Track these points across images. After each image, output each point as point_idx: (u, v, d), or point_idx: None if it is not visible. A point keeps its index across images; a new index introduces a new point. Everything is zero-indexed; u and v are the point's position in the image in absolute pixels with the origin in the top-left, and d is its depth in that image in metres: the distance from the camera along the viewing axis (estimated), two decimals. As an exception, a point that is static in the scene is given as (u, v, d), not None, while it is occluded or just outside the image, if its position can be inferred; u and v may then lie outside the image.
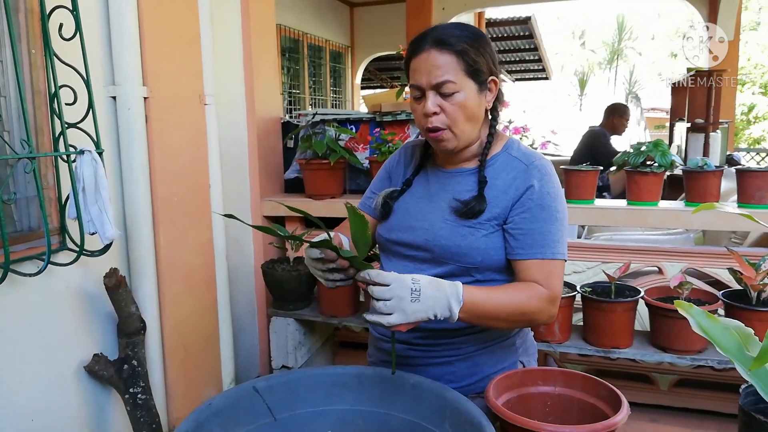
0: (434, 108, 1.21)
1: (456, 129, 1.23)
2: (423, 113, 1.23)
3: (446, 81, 1.19)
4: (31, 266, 1.52)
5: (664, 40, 26.02)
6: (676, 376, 2.46)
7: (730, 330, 0.88)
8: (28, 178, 1.57)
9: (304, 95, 7.14)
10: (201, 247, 2.24)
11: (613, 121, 5.03)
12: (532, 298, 1.18)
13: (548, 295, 1.20)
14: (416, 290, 1.05)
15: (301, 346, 2.70)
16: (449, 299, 1.08)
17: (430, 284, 1.08)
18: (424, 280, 1.08)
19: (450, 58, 1.19)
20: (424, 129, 1.26)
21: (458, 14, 6.95)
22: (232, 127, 2.62)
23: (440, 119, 1.22)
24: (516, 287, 1.21)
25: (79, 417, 1.73)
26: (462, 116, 1.22)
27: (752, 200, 2.26)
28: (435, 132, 1.23)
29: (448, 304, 1.08)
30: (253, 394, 1.16)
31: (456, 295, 1.09)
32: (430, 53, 1.19)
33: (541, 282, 1.20)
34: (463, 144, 1.27)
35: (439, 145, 1.27)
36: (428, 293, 1.06)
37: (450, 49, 1.19)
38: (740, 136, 13.36)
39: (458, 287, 1.10)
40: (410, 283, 1.05)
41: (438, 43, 1.19)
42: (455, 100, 1.20)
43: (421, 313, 1.06)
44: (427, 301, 1.06)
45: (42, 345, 1.60)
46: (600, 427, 1.00)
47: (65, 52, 1.52)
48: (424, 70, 1.20)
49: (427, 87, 1.21)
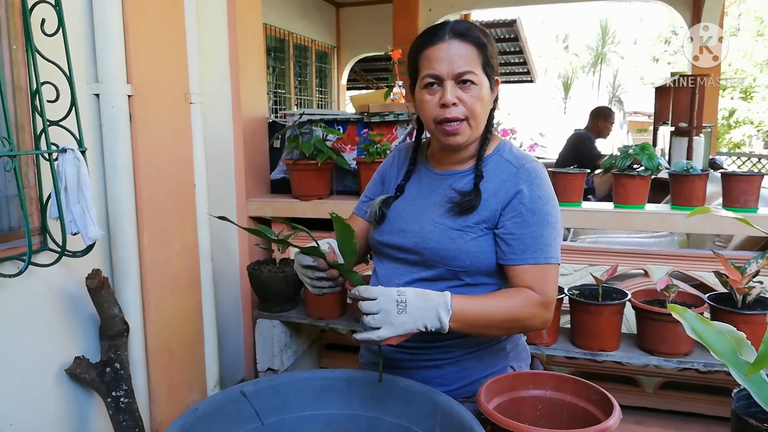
0: (453, 98, 1.18)
1: (473, 121, 1.21)
2: (441, 103, 1.20)
3: (469, 71, 1.18)
4: (12, 267, 1.48)
5: (646, 45, 26.35)
6: (662, 379, 2.47)
7: (723, 334, 0.87)
8: (8, 177, 1.53)
9: (289, 95, 7.10)
10: (186, 248, 2.21)
11: (597, 124, 5.06)
12: (524, 304, 1.17)
13: (541, 301, 1.18)
14: (402, 302, 1.05)
15: (287, 348, 2.67)
16: (437, 309, 1.07)
17: (416, 296, 1.08)
18: (410, 292, 1.08)
19: (472, 50, 1.19)
20: (436, 120, 1.22)
21: (445, 15, 6.96)
22: (217, 127, 2.59)
23: (459, 110, 1.19)
24: (507, 294, 1.20)
25: (60, 421, 1.69)
26: (479, 109, 1.21)
27: (737, 204, 2.28)
28: (450, 124, 1.20)
29: (437, 315, 1.07)
30: (240, 398, 1.14)
31: (444, 305, 1.08)
32: (452, 43, 1.18)
33: (534, 287, 1.19)
34: (473, 139, 1.25)
35: (450, 139, 1.23)
36: (415, 304, 1.06)
37: (472, 41, 1.19)
38: (721, 140, 13.57)
39: (446, 297, 1.10)
40: (395, 294, 1.06)
41: (459, 35, 1.19)
42: (474, 92, 1.19)
43: (409, 324, 1.06)
44: (414, 312, 1.06)
45: (22, 347, 1.56)
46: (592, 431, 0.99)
47: (47, 48, 1.49)
48: (446, 59, 1.18)
49: (448, 76, 1.18)
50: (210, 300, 2.41)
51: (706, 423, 2.38)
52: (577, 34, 29.76)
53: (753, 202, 2.27)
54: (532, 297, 1.18)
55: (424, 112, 1.25)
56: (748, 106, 14.68)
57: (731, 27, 16.47)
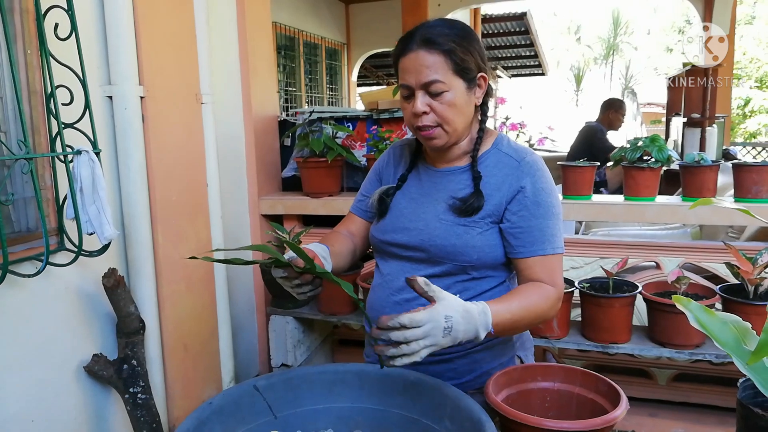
0: (423, 108, 1.21)
1: (447, 127, 1.23)
2: (412, 113, 1.23)
3: (435, 81, 1.19)
4: (30, 267, 1.51)
5: (659, 35, 26.06)
6: (675, 371, 2.47)
7: (728, 324, 0.88)
8: (25, 179, 1.56)
9: (300, 93, 7.12)
10: (199, 246, 2.24)
11: (609, 116, 5.03)
12: (545, 300, 1.20)
13: (556, 293, 1.22)
14: (448, 327, 1.00)
15: (301, 344, 2.70)
16: (478, 329, 1.05)
17: (462, 319, 1.02)
18: (457, 316, 1.01)
19: (438, 58, 1.19)
20: (414, 128, 1.26)
21: (454, 10, 6.94)
22: (229, 126, 2.62)
23: (430, 118, 1.22)
24: (529, 292, 1.20)
25: (80, 417, 1.73)
26: (451, 114, 1.22)
27: (749, 195, 2.27)
28: (425, 131, 1.24)
29: (476, 333, 1.05)
30: (253, 392, 1.16)
31: (485, 325, 1.06)
32: (418, 53, 1.19)
33: (545, 279, 1.22)
34: (453, 140, 1.27)
35: (429, 143, 1.27)
36: (460, 328, 1.02)
37: (438, 48, 1.19)
38: (736, 130, 13.39)
39: (488, 315, 1.07)
40: (444, 321, 1.00)
41: (426, 43, 1.19)
42: (444, 99, 1.20)
43: (448, 343, 1.02)
44: (457, 335, 1.02)
45: (41, 346, 1.60)
46: (599, 422, 1.00)
47: (61, 52, 1.52)
48: (413, 70, 1.20)
49: (416, 86, 1.21)
50: (224, 297, 2.44)
51: (719, 414, 2.37)
52: (589, 25, 29.51)
53: (765, 192, 2.26)
54: (549, 292, 1.21)
55: (405, 118, 1.28)
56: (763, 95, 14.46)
57: (746, 15, 16.23)
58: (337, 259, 1.35)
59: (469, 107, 1.26)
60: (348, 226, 1.49)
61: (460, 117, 1.24)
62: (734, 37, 6.67)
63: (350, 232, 1.47)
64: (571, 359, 2.56)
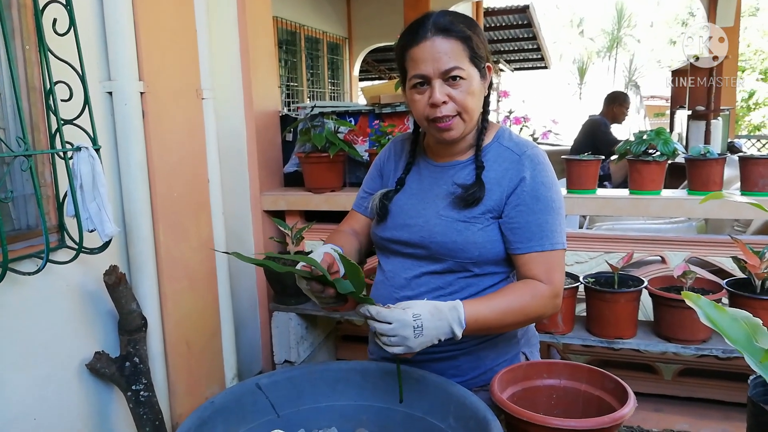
0: (443, 97, 1.17)
1: (465, 115, 1.20)
2: (430, 103, 1.18)
3: (455, 67, 1.16)
4: (30, 265, 1.50)
5: (663, 27, 25.92)
6: (680, 366, 2.45)
7: (738, 321, 0.86)
8: (25, 176, 1.55)
9: (302, 88, 7.10)
10: (201, 243, 2.23)
11: (613, 109, 5.01)
12: (534, 298, 1.18)
13: (550, 291, 1.19)
14: (418, 326, 1.05)
15: (304, 340, 2.69)
16: (451, 325, 1.08)
17: (431, 316, 1.06)
18: (425, 313, 1.06)
19: (456, 45, 1.16)
20: (428, 119, 1.21)
21: (456, 4, 6.90)
22: (230, 121, 2.60)
23: (449, 108, 1.18)
24: (515, 290, 1.19)
25: (82, 415, 1.72)
26: (470, 103, 1.19)
27: (756, 188, 2.24)
28: (443, 121, 1.19)
29: (450, 329, 1.08)
30: (256, 391, 1.15)
31: (458, 320, 1.08)
32: (435, 41, 1.16)
33: (542, 277, 1.19)
34: (468, 131, 1.24)
35: (444, 135, 1.22)
36: (430, 325, 1.06)
37: (456, 35, 1.16)
38: (741, 123, 13.30)
39: (459, 311, 1.09)
40: (411, 320, 1.04)
41: (442, 30, 1.16)
42: (463, 87, 1.17)
43: (426, 343, 1.06)
44: (429, 333, 1.06)
45: (43, 343, 1.59)
46: (607, 420, 0.99)
47: (60, 47, 1.50)
48: (430, 58, 1.16)
49: (435, 75, 1.17)
50: (226, 293, 2.43)
51: (725, 410, 2.36)
52: (592, 18, 29.40)
53: (772, 185, 2.23)
54: (541, 289, 1.18)
55: (415, 111, 1.23)
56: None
57: (750, 7, 16.12)
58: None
59: (482, 97, 1.24)
60: (351, 224, 1.47)
61: (476, 106, 1.22)
62: (739, 29, 6.61)
63: (354, 231, 1.46)
64: (575, 354, 2.55)
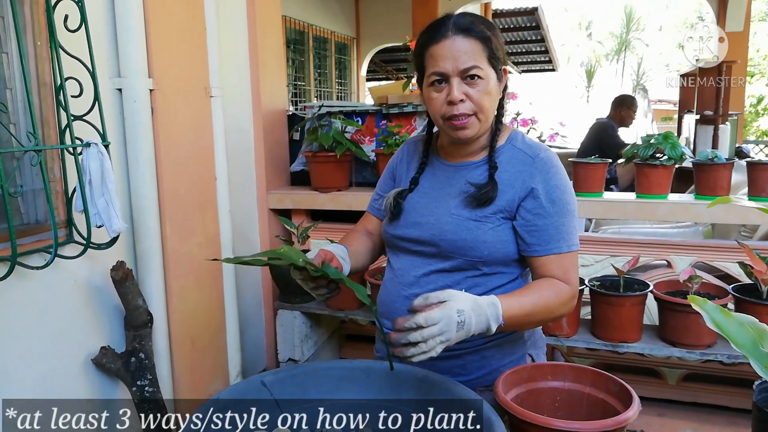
0: (461, 95, 1.18)
1: (482, 115, 1.21)
2: (448, 101, 1.19)
3: (474, 66, 1.17)
4: (39, 259, 1.51)
5: (671, 31, 25.83)
6: (685, 371, 2.44)
7: (744, 326, 0.86)
8: (34, 171, 1.56)
9: (309, 87, 7.11)
10: (207, 240, 2.23)
11: (620, 113, 4.99)
12: (557, 296, 1.19)
13: (570, 292, 1.21)
14: (461, 321, 1.03)
15: (308, 339, 2.70)
16: (489, 320, 1.07)
17: (473, 312, 1.05)
18: (468, 309, 1.05)
19: (476, 45, 1.18)
20: (444, 117, 1.22)
21: (465, 5, 6.90)
22: (237, 120, 2.61)
23: (466, 106, 1.19)
24: (542, 288, 1.20)
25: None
26: (487, 103, 1.21)
27: (763, 193, 2.24)
28: (459, 119, 1.20)
29: (487, 325, 1.08)
30: (261, 388, 1.15)
31: (496, 317, 1.08)
32: (455, 39, 1.18)
33: (560, 277, 1.21)
34: (482, 131, 1.25)
35: (459, 133, 1.23)
36: (472, 321, 1.05)
37: (476, 35, 1.18)
38: (749, 128, 13.24)
39: (498, 307, 1.09)
40: (456, 316, 1.03)
41: (463, 30, 1.18)
42: (480, 87, 1.19)
43: (462, 338, 1.05)
44: (470, 328, 1.05)
45: (49, 338, 1.60)
46: (611, 423, 0.99)
47: (71, 43, 1.51)
48: (450, 56, 1.18)
49: (453, 73, 1.18)
50: (232, 290, 2.44)
51: (729, 415, 2.35)
52: (600, 21, 29.31)
53: (779, 191, 2.23)
54: (563, 288, 1.20)
55: (432, 108, 1.24)
56: (777, 92, 14.29)
57: (760, 12, 16.04)
58: (356, 259, 1.36)
59: (498, 99, 1.25)
60: (365, 225, 1.49)
61: (492, 107, 1.23)
62: (748, 34, 6.58)
63: (368, 231, 1.48)
64: (579, 358, 2.54)
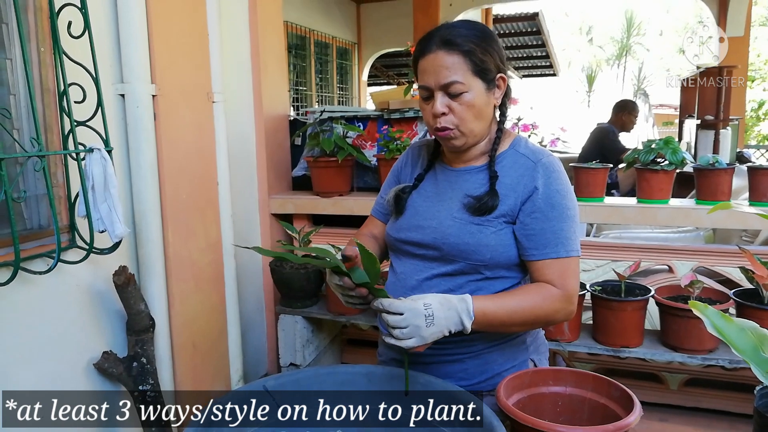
0: (443, 108, 1.21)
1: (464, 128, 1.23)
2: (432, 113, 1.23)
3: (454, 82, 1.19)
4: (41, 264, 1.52)
5: (672, 36, 25.87)
6: (686, 376, 2.44)
7: (745, 331, 0.86)
8: (37, 176, 1.57)
9: (310, 92, 7.13)
10: (209, 244, 2.24)
11: (621, 117, 5.00)
12: (545, 299, 1.19)
13: (561, 295, 1.20)
14: (429, 315, 1.08)
15: (309, 343, 2.70)
16: (460, 315, 1.11)
17: (441, 306, 1.10)
18: (435, 303, 1.10)
19: (457, 59, 1.19)
20: (432, 128, 1.26)
21: (465, 10, 6.92)
22: (239, 125, 2.62)
23: (448, 119, 1.22)
24: (527, 291, 1.22)
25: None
26: (470, 115, 1.22)
27: (764, 198, 2.24)
28: (443, 131, 1.24)
29: (459, 320, 1.11)
30: (263, 393, 1.16)
31: (467, 311, 1.12)
32: (438, 54, 1.20)
33: (555, 282, 1.20)
34: (471, 142, 1.27)
35: (447, 143, 1.28)
36: (441, 315, 1.09)
37: (457, 49, 1.19)
38: (750, 132, 13.23)
39: (468, 302, 1.12)
40: (423, 309, 1.08)
41: (445, 44, 1.19)
42: (463, 100, 1.21)
43: (437, 333, 1.09)
44: (440, 323, 1.09)
45: (52, 342, 1.60)
46: (612, 428, 0.99)
47: (74, 50, 1.52)
48: (432, 71, 1.20)
49: (436, 87, 1.21)
50: (233, 295, 2.44)
51: (731, 420, 2.35)
52: (601, 25, 29.36)
53: (781, 196, 2.23)
54: (553, 292, 1.20)
55: (424, 119, 1.29)
56: (778, 97, 14.28)
57: (761, 17, 16.06)
58: None
59: (488, 108, 1.26)
60: (371, 228, 1.50)
61: (478, 118, 1.24)
62: (749, 39, 6.59)
63: (373, 234, 1.48)
64: (581, 363, 2.54)
